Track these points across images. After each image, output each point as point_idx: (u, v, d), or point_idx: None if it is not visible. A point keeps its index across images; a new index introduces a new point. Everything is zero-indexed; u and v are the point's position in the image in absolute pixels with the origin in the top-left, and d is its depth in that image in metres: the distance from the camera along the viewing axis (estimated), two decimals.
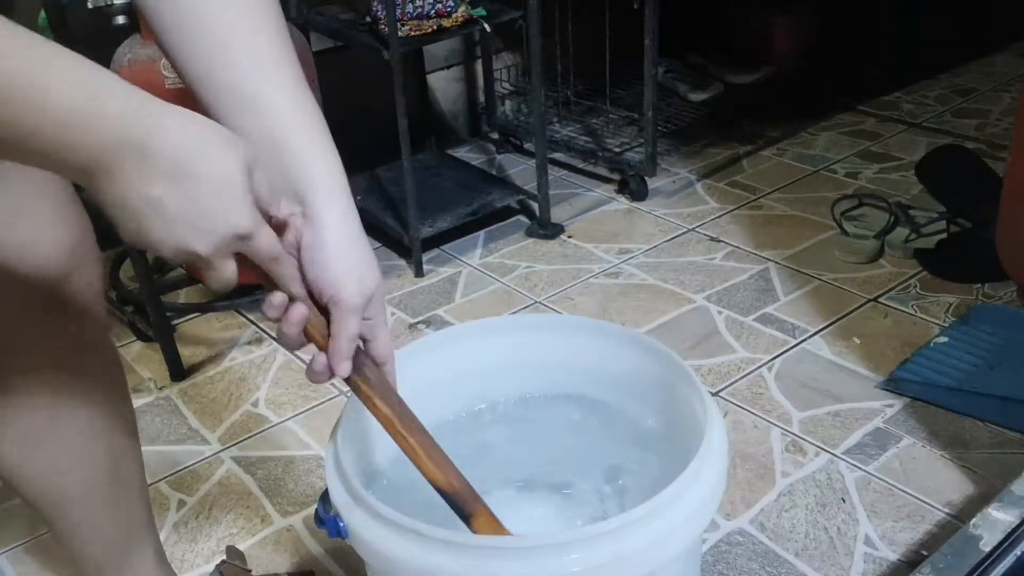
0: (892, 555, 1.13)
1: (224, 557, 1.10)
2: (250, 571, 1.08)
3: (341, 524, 0.73)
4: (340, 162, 0.68)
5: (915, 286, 1.69)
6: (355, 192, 0.69)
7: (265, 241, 0.60)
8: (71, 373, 0.81)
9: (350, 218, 0.67)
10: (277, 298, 0.65)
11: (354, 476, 0.73)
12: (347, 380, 0.69)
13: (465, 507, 0.72)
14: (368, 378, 0.70)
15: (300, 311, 0.65)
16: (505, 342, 0.95)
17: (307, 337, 0.67)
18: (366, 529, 0.70)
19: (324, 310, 0.67)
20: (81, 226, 0.79)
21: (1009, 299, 1.61)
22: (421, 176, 1.99)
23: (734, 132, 2.41)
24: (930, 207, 1.87)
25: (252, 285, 0.66)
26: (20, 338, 0.76)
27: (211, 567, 1.15)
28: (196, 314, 1.77)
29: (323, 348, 0.67)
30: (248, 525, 1.25)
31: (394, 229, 1.88)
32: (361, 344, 0.70)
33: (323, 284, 0.65)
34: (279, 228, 0.64)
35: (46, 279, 0.75)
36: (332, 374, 0.68)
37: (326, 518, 0.74)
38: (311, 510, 1.25)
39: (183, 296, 1.84)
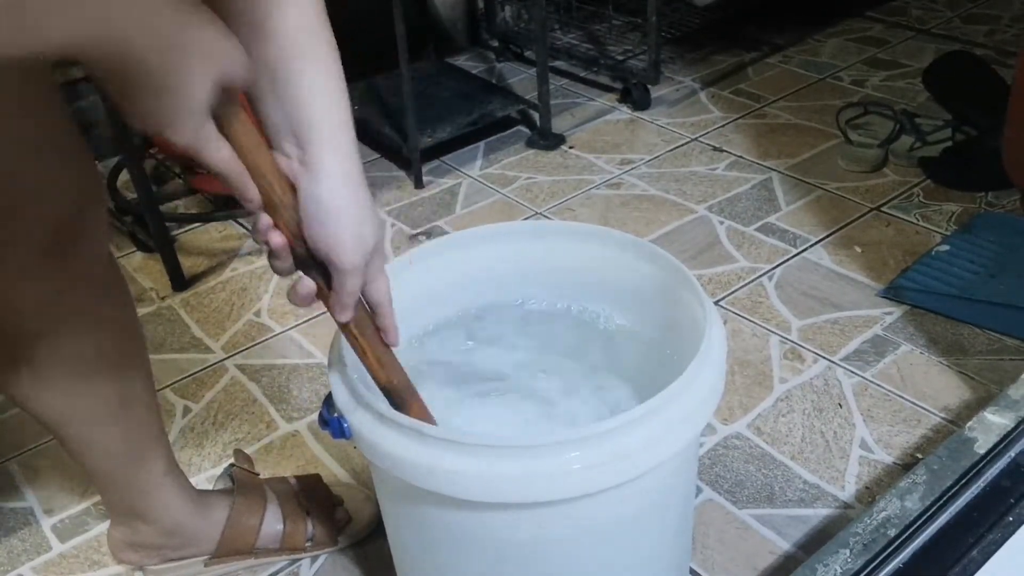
0: (887, 458, 1.15)
1: (232, 460, 1.12)
2: (258, 474, 1.10)
3: (345, 425, 0.74)
4: (346, 103, 0.65)
5: (918, 195, 1.68)
6: (353, 102, 0.67)
7: (212, 160, 0.59)
8: (72, 308, 0.81)
9: (349, 168, 0.65)
10: (261, 221, 0.64)
11: (356, 379, 0.74)
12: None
13: (401, 399, 0.75)
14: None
15: (276, 240, 0.65)
16: (507, 249, 0.94)
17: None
18: (369, 429, 0.71)
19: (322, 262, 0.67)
20: (86, 175, 0.79)
21: (1012, 207, 1.61)
22: (420, 85, 1.96)
23: (739, 39, 2.36)
24: (936, 115, 1.84)
25: None
26: (21, 276, 0.76)
27: (218, 470, 1.18)
28: (196, 224, 1.76)
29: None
30: (253, 431, 1.27)
31: (393, 140, 1.86)
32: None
33: (319, 241, 0.64)
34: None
35: (50, 223, 0.75)
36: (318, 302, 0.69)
37: (330, 419, 0.75)
38: (315, 416, 1.26)
39: (182, 206, 1.83)
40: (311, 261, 0.66)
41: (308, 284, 0.67)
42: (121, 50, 0.51)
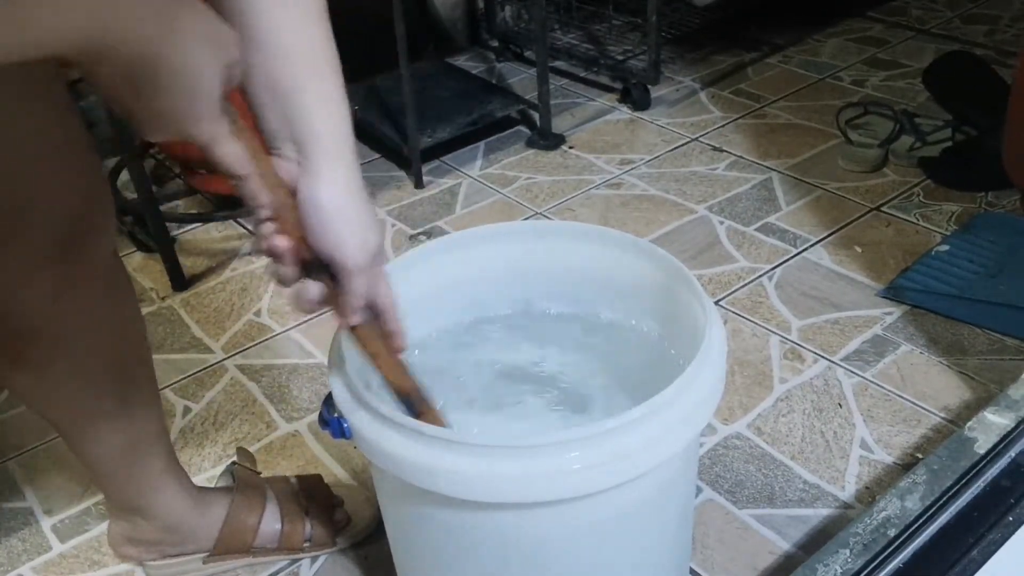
0: (888, 458, 1.15)
1: (235, 458, 1.12)
2: (259, 472, 1.10)
3: (344, 425, 0.74)
4: (347, 113, 0.66)
5: (918, 195, 1.68)
6: (353, 102, 0.67)
7: (229, 156, 0.59)
8: (77, 306, 0.81)
9: (350, 176, 0.66)
10: (266, 226, 0.64)
11: (356, 379, 0.74)
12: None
13: (415, 406, 0.76)
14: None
15: (281, 243, 0.65)
16: (507, 249, 0.94)
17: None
18: (369, 429, 0.71)
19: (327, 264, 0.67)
20: (93, 174, 0.79)
21: (1012, 207, 1.61)
22: (420, 85, 1.96)
23: (739, 39, 2.36)
24: (936, 115, 1.84)
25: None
26: (28, 273, 0.76)
27: (218, 470, 1.18)
28: (196, 224, 1.76)
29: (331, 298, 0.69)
30: (254, 431, 1.27)
31: (393, 140, 1.86)
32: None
33: (324, 243, 0.65)
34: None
35: (58, 222, 0.75)
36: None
37: (330, 419, 0.75)
38: (315, 416, 1.26)
39: (182, 206, 1.83)
40: (317, 265, 0.67)
41: (313, 289, 0.68)
42: (134, 44, 0.50)
